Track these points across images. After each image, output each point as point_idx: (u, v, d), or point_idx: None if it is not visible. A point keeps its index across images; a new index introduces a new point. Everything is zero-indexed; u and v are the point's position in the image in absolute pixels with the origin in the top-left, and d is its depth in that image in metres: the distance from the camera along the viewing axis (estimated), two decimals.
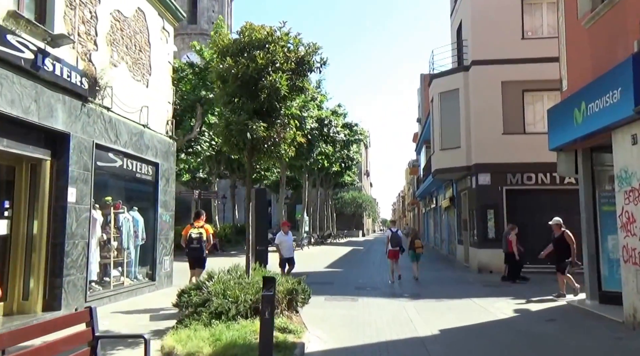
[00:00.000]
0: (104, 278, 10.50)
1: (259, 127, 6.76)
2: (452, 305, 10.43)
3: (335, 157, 37.43)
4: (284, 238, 12.72)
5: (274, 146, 7.40)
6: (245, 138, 6.77)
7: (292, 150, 8.06)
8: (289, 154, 7.81)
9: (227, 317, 6.23)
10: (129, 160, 11.06)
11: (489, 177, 17.45)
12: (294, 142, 7.96)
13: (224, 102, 7.19)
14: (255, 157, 7.59)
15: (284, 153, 7.61)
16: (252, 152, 7.45)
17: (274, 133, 7.16)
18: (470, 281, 15.03)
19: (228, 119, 6.93)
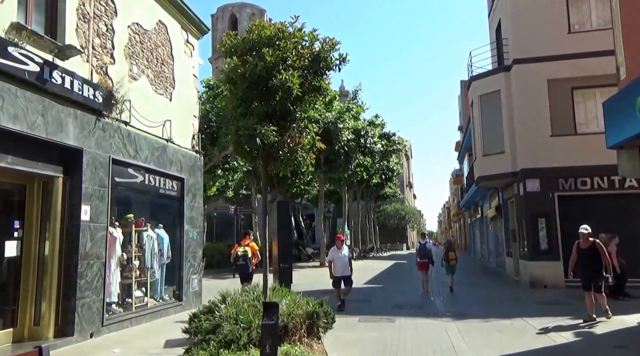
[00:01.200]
0: (126, 300, 10.07)
1: (269, 132, 6.10)
2: (502, 327, 9.35)
3: (375, 169, 36.51)
4: (337, 255, 11.46)
5: (290, 153, 6.72)
6: (255, 144, 6.13)
7: (311, 157, 7.35)
8: (307, 162, 7.11)
9: (238, 346, 5.53)
10: (151, 176, 10.66)
11: (537, 183, 16.15)
12: (313, 148, 7.25)
13: (234, 106, 6.61)
14: (270, 165, 6.93)
15: (301, 160, 6.91)
16: (267, 159, 6.81)
17: (288, 138, 6.49)
18: (522, 298, 13.76)
19: (237, 124, 6.32)
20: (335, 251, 11.52)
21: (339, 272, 11.33)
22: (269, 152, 6.65)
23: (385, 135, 35.73)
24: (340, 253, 11.43)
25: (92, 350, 7.31)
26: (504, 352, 7.28)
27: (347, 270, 11.47)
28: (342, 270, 11.35)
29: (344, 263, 11.39)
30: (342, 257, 11.39)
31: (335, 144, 27.39)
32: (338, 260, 11.35)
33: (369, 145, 30.48)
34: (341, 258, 11.37)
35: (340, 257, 11.38)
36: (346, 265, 11.40)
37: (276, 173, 26.99)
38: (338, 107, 28.83)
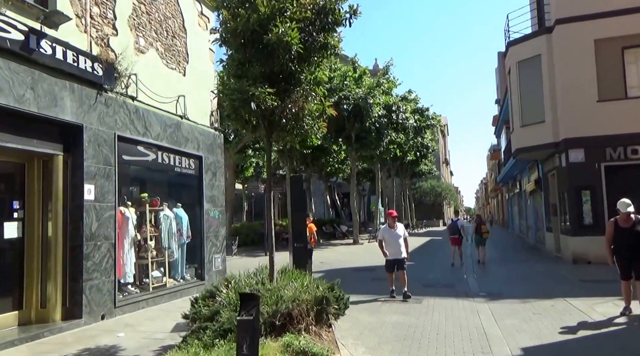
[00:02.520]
0: (143, 280, 9.77)
1: (264, 94, 5.42)
2: (541, 308, 8.51)
3: (409, 146, 35.41)
4: (388, 234, 9.97)
5: (295, 120, 6.05)
6: (251, 110, 5.49)
7: (322, 126, 6.65)
8: (317, 131, 6.41)
9: (235, 336, 4.99)
10: (165, 154, 10.22)
11: (582, 153, 14.92)
12: (324, 115, 6.53)
13: (228, 68, 5.96)
14: (274, 134, 6.28)
15: (309, 128, 6.22)
16: (269, 128, 6.17)
17: (290, 103, 5.80)
18: (564, 275, 12.78)
19: (231, 88, 5.68)
20: (387, 230, 10.07)
21: (390, 254, 9.89)
22: (270, 120, 6.00)
23: (419, 111, 34.45)
24: (393, 232, 9.96)
25: (98, 333, 6.98)
26: (543, 340, 6.49)
27: (400, 252, 9.85)
28: (395, 252, 9.87)
29: (397, 244, 9.87)
30: (395, 237, 9.90)
31: (366, 121, 26.49)
32: (390, 240, 9.91)
33: (401, 121, 29.36)
34: (393, 238, 9.89)
35: (392, 236, 9.92)
36: (399, 246, 9.83)
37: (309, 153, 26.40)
38: (368, 83, 27.80)
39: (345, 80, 27.19)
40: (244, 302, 3.74)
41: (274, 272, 6.42)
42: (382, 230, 10.23)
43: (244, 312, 3.66)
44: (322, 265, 17.23)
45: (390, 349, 6.07)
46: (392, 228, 9.96)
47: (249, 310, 3.64)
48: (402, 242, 9.90)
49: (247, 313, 3.63)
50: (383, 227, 10.32)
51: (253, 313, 3.62)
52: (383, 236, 10.07)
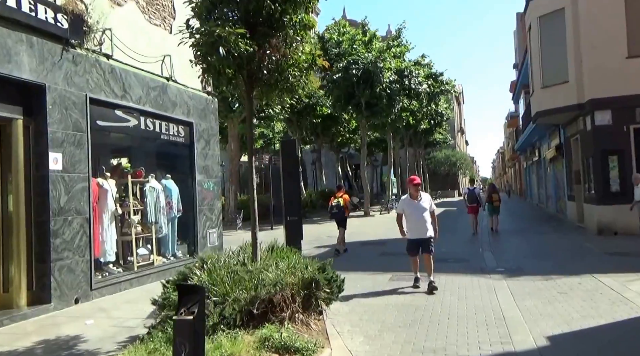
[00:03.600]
0: (128, 259, 9.02)
1: (231, 35, 4.42)
2: (567, 287, 7.56)
3: (422, 113, 34.07)
4: (411, 206, 7.81)
5: (279, 73, 5.08)
6: (219, 56, 4.52)
7: (312, 80, 5.65)
8: (303, 84, 5.41)
9: (205, 327, 4.16)
10: (149, 119, 9.30)
11: (609, 115, 13.71)
12: (314, 66, 5.52)
13: (199, 13, 4.98)
14: (255, 89, 5.32)
15: (294, 81, 5.24)
16: (249, 81, 5.20)
17: (269, 48, 4.81)
18: (589, 248, 11.78)
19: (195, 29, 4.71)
20: (408, 201, 7.90)
21: (413, 232, 7.73)
22: (249, 72, 5.03)
23: (432, 76, 32.92)
24: (415, 203, 7.76)
25: (65, 320, 6.22)
26: (572, 326, 5.54)
27: (426, 230, 7.68)
28: (419, 230, 7.67)
29: (422, 219, 7.67)
30: (419, 210, 7.70)
31: (376, 86, 25.21)
32: (412, 215, 7.73)
33: (414, 87, 27.97)
34: (417, 212, 7.70)
35: (415, 209, 7.72)
36: (424, 222, 7.67)
37: (319, 122, 25.28)
38: (378, 46, 26.40)
39: (354, 44, 25.87)
40: (183, 297, 2.88)
41: (257, 251, 5.55)
42: (402, 202, 8.12)
43: (183, 310, 2.80)
44: (329, 239, 16.40)
45: (393, 338, 5.20)
46: (414, 199, 7.78)
47: (190, 306, 2.78)
48: (428, 217, 7.73)
49: (187, 310, 2.77)
50: (403, 198, 8.14)
51: (195, 310, 2.75)
52: (403, 209, 7.94)
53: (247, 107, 5.58)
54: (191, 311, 2.77)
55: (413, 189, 7.86)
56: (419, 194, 7.85)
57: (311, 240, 15.85)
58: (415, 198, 7.82)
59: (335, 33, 26.68)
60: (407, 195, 8.07)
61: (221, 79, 5.11)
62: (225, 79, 5.09)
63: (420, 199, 7.81)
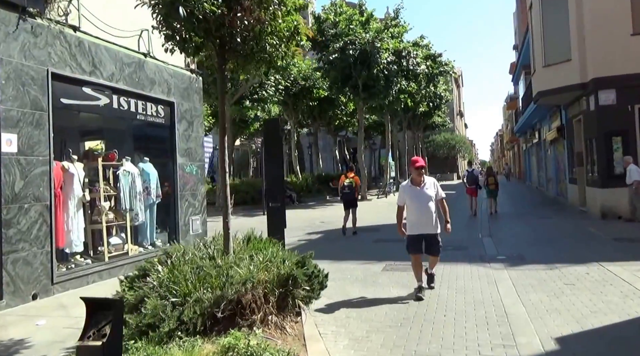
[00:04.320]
0: (98, 249, 8.39)
1: None
2: (573, 277, 6.98)
3: (421, 96, 33.22)
4: (413, 194, 6.36)
5: (255, 40, 4.40)
6: (180, 18, 3.84)
7: (295, 50, 4.97)
8: (282, 54, 4.70)
9: (159, 334, 3.55)
10: (123, 98, 8.60)
11: (613, 95, 13.04)
12: (296, 36, 4.82)
13: None
14: (229, 60, 4.64)
15: (273, 51, 4.54)
16: (221, 52, 4.53)
17: (240, 10, 4.11)
18: (593, 233, 11.21)
19: None
20: (409, 188, 6.42)
21: (415, 227, 6.28)
22: (221, 39, 4.35)
23: (431, 57, 31.99)
24: (418, 191, 6.32)
25: (15, 319, 5.61)
26: (584, 324, 4.94)
27: (431, 223, 6.26)
28: (422, 223, 6.25)
29: (426, 210, 6.24)
30: (422, 198, 6.27)
31: (374, 67, 24.37)
32: (414, 204, 6.30)
33: (412, 68, 27.10)
34: (420, 201, 6.27)
35: (418, 198, 6.29)
36: (430, 214, 6.25)
37: (316, 106, 24.75)
38: (375, 26, 25.50)
39: (351, 24, 24.97)
40: (94, 314, 2.25)
41: (229, 243, 4.92)
42: (403, 189, 6.52)
43: (92, 332, 2.18)
44: (322, 225, 15.82)
45: (382, 341, 4.61)
46: (417, 185, 6.36)
47: (101, 327, 2.16)
48: (434, 207, 6.30)
49: (97, 333, 2.16)
50: (403, 185, 6.61)
51: (106, 332, 2.13)
52: (403, 198, 6.45)
53: (219, 79, 4.91)
54: (102, 333, 2.16)
55: (415, 173, 6.39)
56: (423, 179, 6.36)
57: (304, 226, 15.28)
58: (419, 184, 6.34)
59: (331, 13, 25.76)
60: (407, 180, 6.61)
61: (187, 47, 4.43)
62: (192, 48, 4.41)
63: (424, 185, 6.32)
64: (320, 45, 25.14)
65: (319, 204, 25.61)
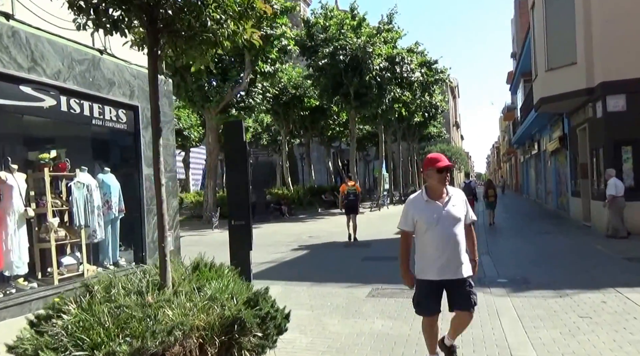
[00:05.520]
0: (48, 270, 7.35)
1: None
2: (588, 308, 5.97)
3: (416, 105, 32.41)
4: (431, 213, 3.87)
5: (192, 14, 3.46)
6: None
7: (252, 31, 4.01)
8: (229, 32, 3.73)
9: None
10: (73, 100, 7.58)
11: (623, 100, 12.15)
12: (249, 12, 3.86)
13: None
14: (163, 41, 3.70)
15: (218, 29, 3.58)
16: (153, 31, 3.59)
17: None
18: (600, 250, 10.23)
19: None
20: (424, 204, 3.95)
21: (432, 268, 3.90)
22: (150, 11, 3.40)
23: (426, 64, 31.22)
24: (438, 208, 3.89)
25: None
26: None
27: (459, 261, 3.88)
28: (446, 261, 3.85)
29: (452, 240, 3.86)
30: (446, 221, 3.86)
31: (366, 74, 23.55)
32: (432, 230, 3.87)
33: (406, 75, 26.27)
34: (442, 225, 3.85)
35: (439, 219, 3.86)
36: (457, 246, 3.86)
37: (308, 115, 24.25)
38: (367, 31, 24.71)
39: (342, 28, 24.18)
40: None
41: (166, 273, 3.91)
42: (412, 206, 4.02)
43: None
44: (310, 239, 14.81)
45: None
46: (436, 199, 3.92)
47: None
48: (462, 235, 3.92)
49: None
50: (414, 198, 4.09)
51: None
52: (413, 220, 3.94)
53: (150, 65, 3.93)
54: None
55: (436, 178, 3.86)
56: (445, 190, 3.91)
57: (290, 241, 14.28)
58: (440, 197, 3.89)
59: (322, 17, 24.98)
60: (419, 192, 4.07)
61: (104, 21, 3.46)
62: (110, 22, 3.45)
63: (448, 199, 3.89)
64: (310, 51, 24.32)
65: (310, 217, 24.61)
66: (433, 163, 3.91)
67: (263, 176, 45.29)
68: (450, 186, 4.00)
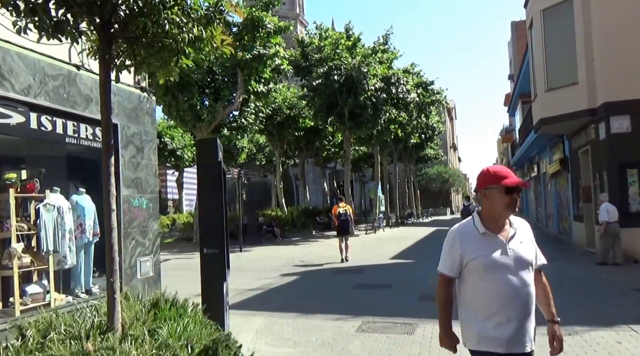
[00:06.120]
0: (10, 300, 6.73)
1: None
2: (601, 349, 5.37)
3: (412, 126, 32.10)
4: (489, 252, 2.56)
5: (153, 15, 2.97)
6: None
7: (222, 38, 3.52)
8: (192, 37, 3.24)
9: None
10: (45, 117, 7.08)
11: (628, 121, 11.72)
12: (216, 16, 3.36)
13: None
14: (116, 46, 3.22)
15: (178, 34, 3.09)
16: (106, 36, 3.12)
17: None
18: (608, 281, 9.64)
19: None
20: (478, 238, 2.60)
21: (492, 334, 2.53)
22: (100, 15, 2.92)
23: (422, 84, 30.99)
24: (502, 245, 2.57)
25: None
26: None
27: (529, 324, 2.60)
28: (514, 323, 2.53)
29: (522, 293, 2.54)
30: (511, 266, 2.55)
31: (361, 94, 23.24)
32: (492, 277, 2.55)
33: (402, 95, 25.98)
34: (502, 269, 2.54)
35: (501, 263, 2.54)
36: (527, 301, 2.56)
37: (302, 135, 24.12)
38: (362, 51, 24.50)
39: (337, 48, 23.94)
40: None
41: (115, 313, 3.34)
42: (459, 240, 2.65)
43: None
44: (301, 264, 14.17)
45: None
46: (496, 232, 2.61)
47: None
48: (533, 284, 2.61)
49: None
50: (461, 230, 2.70)
51: None
52: (461, 259, 2.62)
53: (101, 74, 3.44)
54: None
55: (504, 202, 2.57)
56: (509, 221, 2.68)
57: (280, 266, 13.65)
58: (501, 228, 2.64)
59: (316, 37, 24.78)
60: (468, 221, 2.73)
61: (46, 24, 2.98)
62: (51, 26, 2.96)
63: (514, 233, 2.64)
64: (304, 71, 24.04)
65: (304, 240, 23.95)
66: (498, 179, 2.56)
67: (258, 197, 44.81)
68: (513, 219, 2.68)
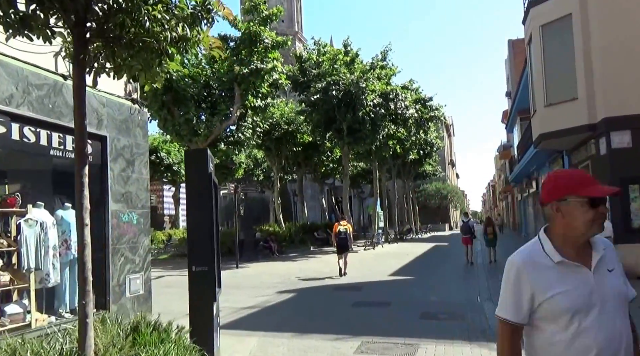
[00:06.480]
0: None
1: None
2: None
3: (411, 142, 31.95)
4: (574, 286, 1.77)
5: (131, 12, 2.73)
6: None
7: (210, 40, 3.27)
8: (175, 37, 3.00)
9: None
10: (28, 128, 6.82)
11: (629, 136, 11.49)
12: (202, 16, 3.12)
13: None
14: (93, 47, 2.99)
15: (160, 32, 2.84)
16: (80, 35, 2.88)
17: None
18: None
19: None
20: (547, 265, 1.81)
21: None
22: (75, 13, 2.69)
23: (421, 100, 30.93)
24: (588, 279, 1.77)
25: None
26: None
27: None
28: None
29: (621, 340, 1.74)
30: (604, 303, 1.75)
31: (359, 110, 23.10)
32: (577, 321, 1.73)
33: (400, 111, 25.85)
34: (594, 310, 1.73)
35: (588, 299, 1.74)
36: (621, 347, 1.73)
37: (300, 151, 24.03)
38: (361, 67, 24.43)
39: (335, 63, 23.87)
40: None
41: (87, 339, 3.03)
42: (526, 271, 1.82)
43: None
44: (298, 281, 13.82)
45: None
46: (577, 260, 1.81)
47: None
48: (628, 323, 1.81)
49: None
50: (525, 256, 1.87)
51: None
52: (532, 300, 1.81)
53: (75, 76, 3.20)
54: None
55: (586, 218, 1.80)
56: (590, 243, 1.88)
57: (277, 283, 13.30)
58: (581, 255, 1.83)
59: (314, 53, 24.73)
60: (534, 244, 1.91)
61: (5, 15, 2.73)
62: (17, 21, 2.72)
63: (599, 259, 1.83)
64: (302, 86, 23.93)
65: (302, 256, 23.57)
66: (578, 187, 1.85)
67: (256, 213, 44.44)
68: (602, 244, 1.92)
